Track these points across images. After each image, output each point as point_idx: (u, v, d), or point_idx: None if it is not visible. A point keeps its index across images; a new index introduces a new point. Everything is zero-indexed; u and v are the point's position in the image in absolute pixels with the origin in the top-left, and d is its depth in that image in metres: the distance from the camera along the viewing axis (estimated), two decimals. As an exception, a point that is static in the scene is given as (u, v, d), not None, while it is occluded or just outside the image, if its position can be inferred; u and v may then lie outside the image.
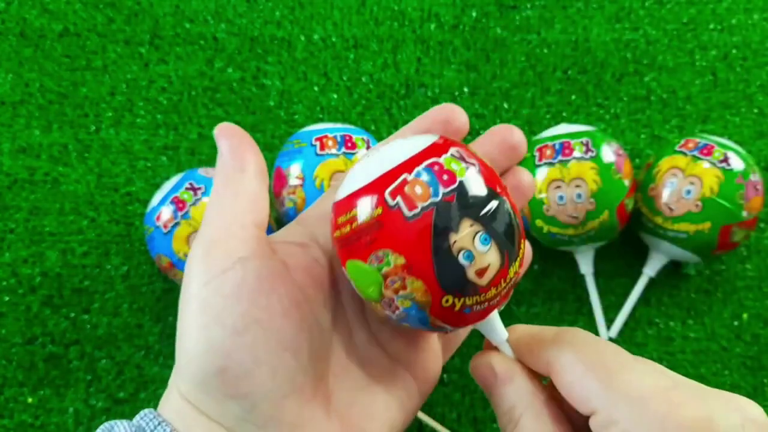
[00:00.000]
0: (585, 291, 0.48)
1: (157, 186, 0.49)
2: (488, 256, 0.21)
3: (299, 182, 0.42)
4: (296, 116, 0.53)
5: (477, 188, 0.21)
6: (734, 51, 0.54)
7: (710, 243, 0.43)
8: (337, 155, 0.42)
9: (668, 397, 0.20)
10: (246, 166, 0.24)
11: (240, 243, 0.22)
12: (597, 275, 0.48)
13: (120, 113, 0.52)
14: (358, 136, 0.44)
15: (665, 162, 0.45)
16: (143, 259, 0.49)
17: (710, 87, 0.53)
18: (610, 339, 0.48)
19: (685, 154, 0.44)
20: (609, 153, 0.44)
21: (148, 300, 0.48)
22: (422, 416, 0.45)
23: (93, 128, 0.52)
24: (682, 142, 0.45)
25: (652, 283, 0.48)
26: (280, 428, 0.22)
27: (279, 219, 0.45)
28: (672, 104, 0.53)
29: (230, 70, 0.53)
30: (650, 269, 0.47)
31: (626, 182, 0.44)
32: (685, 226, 0.43)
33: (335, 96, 0.53)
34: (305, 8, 0.55)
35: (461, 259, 0.21)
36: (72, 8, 0.54)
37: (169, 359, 0.47)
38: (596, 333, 0.48)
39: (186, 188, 0.42)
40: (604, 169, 0.43)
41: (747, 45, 0.54)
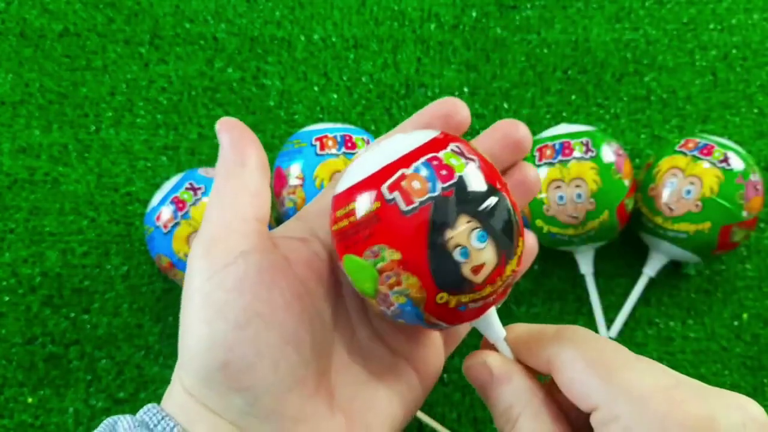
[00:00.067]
0: (585, 291, 0.48)
1: (157, 186, 0.49)
2: (484, 254, 0.21)
3: (299, 182, 0.42)
4: (296, 116, 0.53)
5: (476, 184, 0.21)
6: (734, 51, 0.54)
7: (710, 243, 0.43)
8: (337, 155, 0.42)
9: (670, 395, 0.20)
10: (247, 160, 0.24)
11: (242, 237, 0.22)
12: (597, 275, 0.48)
13: (120, 113, 0.52)
14: (358, 136, 0.44)
15: (665, 162, 0.45)
16: (143, 259, 0.49)
17: (710, 87, 0.53)
18: (610, 339, 0.48)
19: (685, 154, 0.44)
20: (609, 153, 0.44)
21: (148, 300, 0.48)
22: (422, 416, 0.45)
23: (93, 128, 0.52)
24: (682, 142, 0.45)
25: (652, 283, 0.48)
26: (283, 422, 0.22)
27: (279, 219, 0.45)
28: (672, 104, 0.53)
29: (230, 70, 0.53)
30: (650, 269, 0.47)
31: (626, 182, 0.44)
32: (685, 226, 0.43)
33: (335, 96, 0.53)
34: (305, 8, 0.55)
35: (457, 256, 0.20)
36: (72, 8, 0.54)
37: (169, 359, 0.47)
38: (596, 333, 0.48)
39: (186, 188, 0.42)
40: (604, 169, 0.43)
41: (747, 45, 0.54)
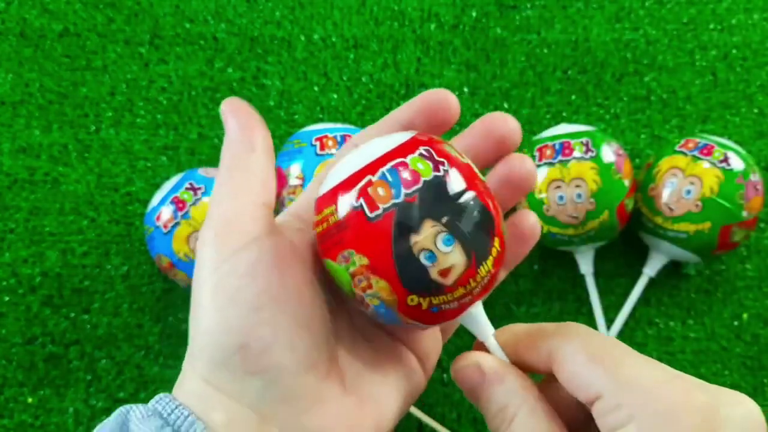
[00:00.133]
0: (585, 291, 0.48)
1: (157, 186, 0.49)
2: (451, 257, 0.21)
3: (299, 182, 0.42)
4: (296, 116, 0.53)
5: (442, 188, 0.21)
6: (734, 51, 0.54)
7: (710, 243, 0.43)
8: (337, 155, 0.42)
9: (674, 384, 0.20)
10: (255, 145, 0.24)
11: (252, 223, 0.22)
12: (597, 275, 0.48)
13: (120, 113, 0.52)
14: (358, 136, 0.44)
15: (665, 162, 0.45)
16: (143, 259, 0.49)
17: (710, 87, 0.53)
18: (615, 339, 0.48)
19: (685, 154, 0.44)
20: (609, 153, 0.44)
21: (148, 300, 0.48)
22: (422, 416, 0.45)
23: (93, 128, 0.52)
24: (682, 142, 0.45)
25: (652, 283, 0.48)
26: (300, 403, 0.22)
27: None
28: (672, 104, 0.53)
29: (230, 70, 0.53)
30: (650, 269, 0.47)
31: (626, 182, 0.44)
32: (685, 226, 0.43)
33: (335, 96, 0.53)
34: (305, 8, 0.55)
35: (423, 260, 0.21)
36: (72, 8, 0.54)
37: (169, 359, 0.47)
38: (596, 333, 0.48)
39: (186, 188, 0.42)
40: (604, 169, 0.43)
41: (747, 45, 0.54)
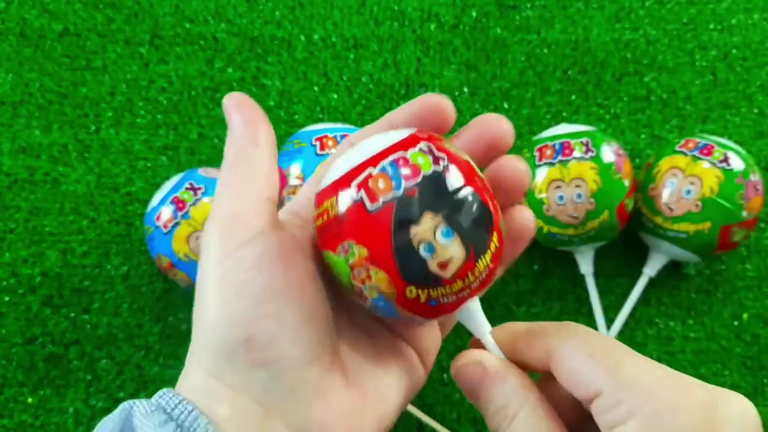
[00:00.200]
0: (585, 291, 0.48)
1: (157, 186, 0.49)
2: (450, 249, 0.21)
3: (299, 182, 0.42)
4: (296, 116, 0.53)
5: (442, 182, 0.22)
6: (734, 51, 0.54)
7: (710, 243, 0.43)
8: (337, 155, 0.42)
9: (674, 381, 0.21)
10: (259, 140, 0.24)
11: (257, 217, 0.23)
12: (597, 275, 0.48)
13: (120, 113, 0.52)
14: (358, 136, 0.44)
15: (665, 162, 0.45)
16: (143, 259, 0.49)
17: (710, 87, 0.53)
18: (614, 339, 0.48)
19: (685, 154, 0.44)
20: (609, 153, 0.44)
21: (148, 300, 0.48)
22: (422, 416, 0.45)
23: (93, 128, 0.52)
24: (682, 142, 0.45)
25: (652, 283, 0.48)
26: (304, 396, 0.22)
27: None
28: (672, 104, 0.53)
29: (230, 70, 0.53)
30: (650, 269, 0.47)
31: (626, 182, 0.44)
32: (685, 226, 0.43)
33: (335, 96, 0.53)
34: (305, 8, 0.55)
35: (422, 252, 0.21)
36: (72, 8, 0.54)
37: (169, 359, 0.47)
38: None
39: (186, 188, 0.42)
40: (604, 169, 0.43)
41: (747, 45, 0.54)
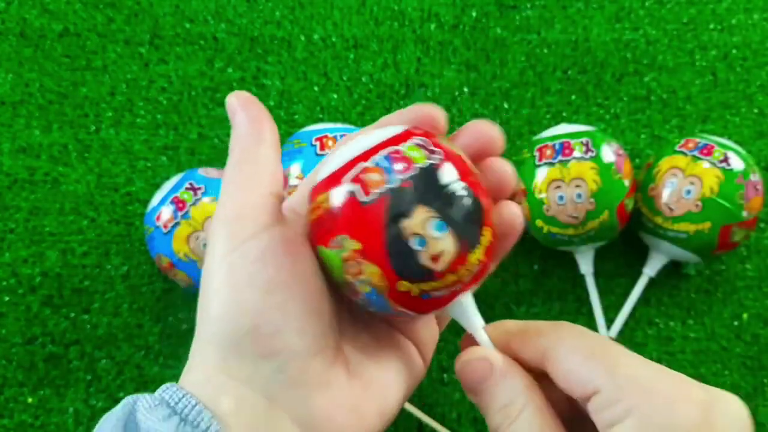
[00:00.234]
0: (585, 291, 0.48)
1: (157, 186, 0.49)
2: (442, 242, 0.21)
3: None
4: (296, 116, 0.53)
5: (435, 176, 0.22)
6: (734, 51, 0.54)
7: (710, 243, 0.43)
8: (337, 155, 0.42)
9: (671, 380, 0.21)
10: (264, 137, 0.24)
11: (262, 213, 0.23)
12: (597, 275, 0.48)
13: (120, 113, 0.52)
14: (358, 136, 0.44)
15: (665, 162, 0.45)
16: (143, 259, 0.49)
17: (710, 87, 0.53)
18: (610, 339, 0.48)
19: (685, 154, 0.44)
20: (609, 153, 0.44)
21: (148, 300, 0.48)
22: (422, 416, 0.45)
23: (93, 128, 0.52)
24: (682, 142, 0.45)
25: (652, 283, 0.48)
26: (308, 388, 0.22)
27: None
28: (672, 104, 0.53)
29: (230, 70, 0.53)
30: (650, 269, 0.47)
31: (626, 182, 0.44)
32: (685, 226, 0.43)
33: (335, 96, 0.53)
34: (305, 8, 0.55)
35: (414, 245, 0.21)
36: (72, 8, 0.54)
37: (169, 359, 0.47)
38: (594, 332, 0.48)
39: (186, 188, 0.42)
40: (604, 169, 0.43)
41: (747, 45, 0.54)
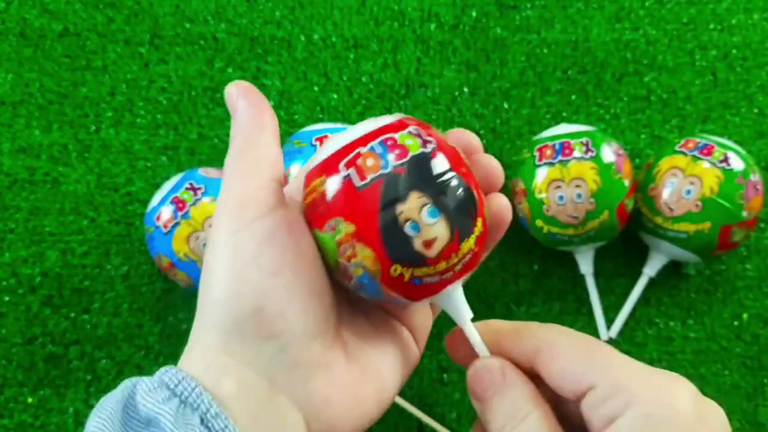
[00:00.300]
0: (585, 291, 0.48)
1: (157, 186, 0.49)
2: (435, 229, 0.22)
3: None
4: (296, 116, 0.53)
5: (429, 164, 0.22)
6: (734, 51, 0.54)
7: (710, 243, 0.43)
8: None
9: (663, 374, 0.21)
10: (265, 125, 0.25)
11: (267, 196, 0.23)
12: (597, 275, 0.48)
13: (120, 113, 0.52)
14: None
15: (665, 162, 0.45)
16: (143, 259, 0.49)
17: (710, 87, 0.53)
18: (610, 339, 0.48)
19: (685, 154, 0.44)
20: (609, 153, 0.44)
21: (148, 300, 0.48)
22: (422, 416, 0.45)
23: (93, 128, 0.52)
24: (682, 142, 0.45)
25: (652, 283, 0.48)
26: (309, 369, 0.22)
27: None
28: (672, 104, 0.53)
29: (230, 70, 0.53)
30: (650, 269, 0.47)
31: (626, 182, 0.44)
32: (685, 226, 0.43)
33: (335, 96, 0.53)
34: (305, 8, 0.55)
35: (407, 230, 0.21)
36: (72, 8, 0.54)
37: (169, 359, 0.47)
38: (596, 333, 0.48)
39: (186, 188, 0.42)
40: (604, 169, 0.43)
41: (747, 45, 0.54)
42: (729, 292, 0.49)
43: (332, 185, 0.22)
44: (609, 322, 0.48)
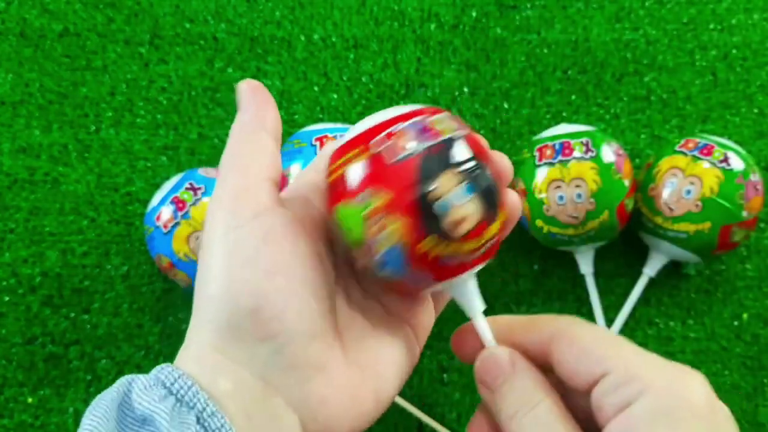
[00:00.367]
0: (585, 291, 0.48)
1: (157, 186, 0.49)
2: (466, 208, 0.22)
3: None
4: (296, 116, 0.53)
5: (462, 147, 0.23)
6: (734, 51, 0.54)
7: (710, 243, 0.43)
8: (337, 155, 0.42)
9: (674, 364, 0.21)
10: (267, 124, 0.25)
11: (264, 193, 0.23)
12: (597, 275, 0.48)
13: (120, 113, 0.52)
14: (358, 136, 0.44)
15: (665, 162, 0.45)
16: (143, 259, 0.49)
17: (710, 87, 0.53)
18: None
19: (685, 154, 0.44)
20: (609, 153, 0.44)
21: (148, 300, 0.48)
22: (422, 416, 0.45)
23: (93, 128, 0.52)
24: (682, 142, 0.45)
25: (652, 283, 0.48)
26: (305, 371, 0.22)
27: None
28: (672, 104, 0.53)
29: (230, 70, 0.53)
30: (650, 269, 0.47)
31: (626, 182, 0.44)
32: (685, 226, 0.43)
33: (335, 96, 0.53)
34: (305, 8, 0.55)
35: (438, 208, 0.22)
36: (72, 8, 0.54)
37: (169, 359, 0.47)
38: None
39: (186, 188, 0.42)
40: (604, 169, 0.43)
41: (747, 45, 0.54)
42: (729, 292, 0.49)
43: (365, 159, 0.22)
44: (609, 322, 0.48)
